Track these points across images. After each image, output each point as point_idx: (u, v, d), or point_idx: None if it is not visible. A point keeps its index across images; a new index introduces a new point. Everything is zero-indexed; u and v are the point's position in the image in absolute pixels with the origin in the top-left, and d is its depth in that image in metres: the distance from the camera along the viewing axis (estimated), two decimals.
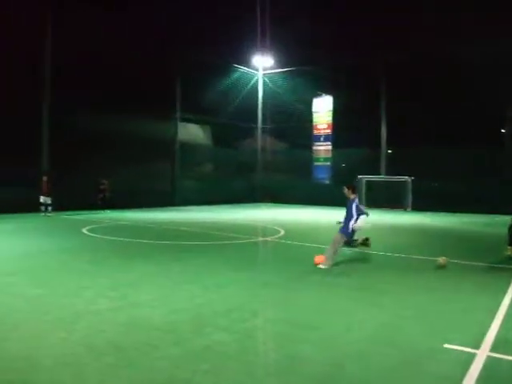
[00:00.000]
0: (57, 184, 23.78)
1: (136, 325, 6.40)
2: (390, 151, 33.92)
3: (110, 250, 13.13)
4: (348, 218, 10.58)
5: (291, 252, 13.29)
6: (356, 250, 12.93)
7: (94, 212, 24.84)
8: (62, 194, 24.30)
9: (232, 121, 34.42)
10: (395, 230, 20.23)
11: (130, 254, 12.32)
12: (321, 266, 10.32)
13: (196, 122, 34.95)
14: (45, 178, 23.17)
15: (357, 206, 10.65)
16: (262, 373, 4.99)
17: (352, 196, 10.81)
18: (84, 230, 17.18)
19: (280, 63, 36.77)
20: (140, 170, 29.58)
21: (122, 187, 26.81)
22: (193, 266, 10.69)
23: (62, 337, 5.88)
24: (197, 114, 33.45)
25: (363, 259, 12.13)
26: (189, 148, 33.78)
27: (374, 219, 23.57)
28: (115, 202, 26.15)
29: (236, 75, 36.29)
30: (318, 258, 10.63)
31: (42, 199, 23.09)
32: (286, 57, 35.76)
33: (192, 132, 35.13)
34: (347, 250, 12.35)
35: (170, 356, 5.34)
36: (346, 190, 10.87)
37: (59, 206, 24.04)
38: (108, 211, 25.50)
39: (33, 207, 23.28)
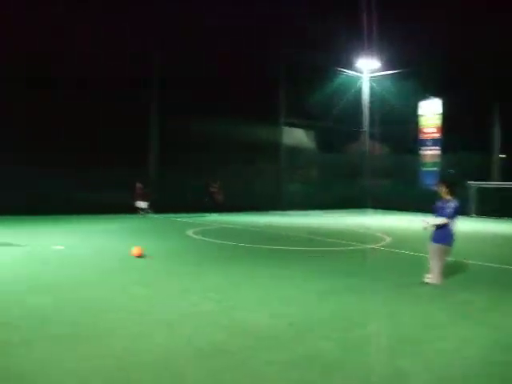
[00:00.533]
0: (165, 186, 24.81)
1: (239, 328, 6.35)
2: (503, 156, 32.00)
3: (214, 253, 13.29)
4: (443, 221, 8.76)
5: (397, 261, 12.78)
6: (469, 261, 12.15)
7: (200, 215, 25.40)
8: (169, 197, 25.27)
9: (336, 125, 34.00)
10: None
11: (235, 257, 12.40)
12: (429, 281, 8.94)
13: (300, 126, 34.93)
14: (139, 185, 24.20)
15: (456, 209, 8.74)
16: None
17: (449, 197, 8.87)
18: (189, 233, 17.58)
19: (386, 65, 35.81)
20: (246, 174, 30.09)
21: (227, 190, 27.28)
22: (296, 271, 10.54)
23: (166, 337, 5.93)
24: (301, 118, 33.45)
25: (477, 272, 11.38)
26: (294, 152, 33.84)
27: (488, 228, 22.47)
28: (223, 205, 26.55)
29: (341, 78, 35.88)
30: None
31: (138, 204, 24.38)
32: (392, 59, 34.73)
33: (297, 136, 35.14)
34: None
35: (274, 362, 5.22)
36: (441, 188, 8.97)
37: (165, 208, 24.97)
38: (215, 214, 25.96)
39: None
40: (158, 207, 25.11)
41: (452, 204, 8.76)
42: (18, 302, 7.38)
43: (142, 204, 24.39)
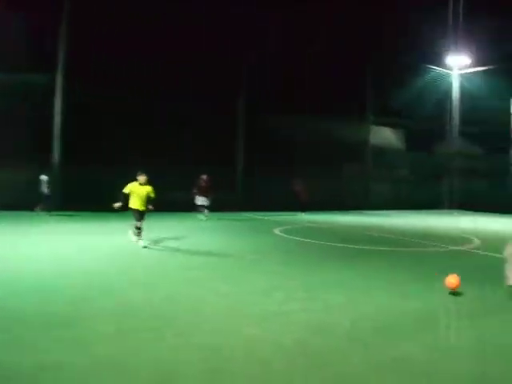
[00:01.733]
0: (252, 186, 25.04)
1: (325, 328, 6.29)
2: None
3: (301, 252, 13.28)
4: None
5: (487, 265, 12.18)
6: None
7: (288, 214, 25.44)
8: (257, 195, 25.56)
9: (425, 124, 32.98)
10: None
11: (322, 257, 12.32)
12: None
13: (388, 124, 34.25)
14: (204, 177, 21.94)
15: None
16: None
17: None
18: (276, 231, 17.67)
19: (477, 62, 34.28)
20: (332, 173, 29.92)
21: (314, 189, 27.18)
22: (383, 272, 10.29)
23: (252, 333, 5.98)
24: (389, 116, 32.79)
25: None
26: (381, 151, 33.23)
27: None
28: (308, 205, 26.40)
29: (429, 76, 34.78)
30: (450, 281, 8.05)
31: (198, 201, 21.86)
32: (483, 55, 33.21)
33: (384, 135, 34.48)
34: None
35: (357, 364, 5.13)
36: None
37: (254, 206, 25.25)
38: (302, 213, 25.92)
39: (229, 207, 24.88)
40: (244, 206, 25.50)
41: None
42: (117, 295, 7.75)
43: (201, 200, 21.81)
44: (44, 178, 21.71)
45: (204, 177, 21.75)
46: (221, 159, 25.74)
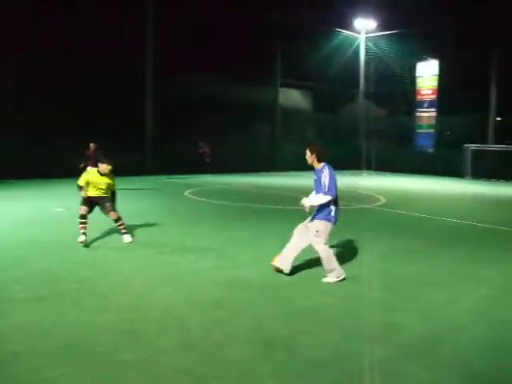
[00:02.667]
0: (162, 148, 24.83)
1: (236, 285, 6.66)
2: (499, 119, 32.01)
3: (211, 213, 13.58)
4: None
5: (391, 220, 13.10)
6: None
7: (195, 176, 25.54)
8: (164, 158, 25.44)
9: (333, 86, 33.84)
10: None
11: (230, 217, 12.71)
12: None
13: (296, 87, 34.85)
14: (91, 145, 18.08)
15: (330, 177, 6.83)
16: (356, 336, 5.05)
17: (319, 165, 7.00)
18: (186, 193, 17.84)
19: (383, 26, 35.39)
20: (241, 135, 30.14)
21: (223, 151, 27.41)
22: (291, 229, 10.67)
23: (167, 292, 6.25)
24: (297, 79, 33.39)
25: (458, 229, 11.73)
26: (289, 113, 33.86)
27: (480, 189, 22.83)
28: (213, 166, 26.62)
29: (337, 39, 35.56)
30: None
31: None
32: (389, 19, 34.28)
33: (292, 97, 35.10)
34: None
35: (271, 315, 5.54)
36: (308, 154, 7.04)
37: (162, 169, 25.14)
38: (207, 175, 26.16)
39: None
40: (155, 170, 25.37)
41: (324, 173, 6.81)
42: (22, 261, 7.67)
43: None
44: None
45: (91, 145, 18.26)
46: (130, 123, 25.29)
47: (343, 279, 6.85)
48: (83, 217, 8.93)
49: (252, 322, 5.34)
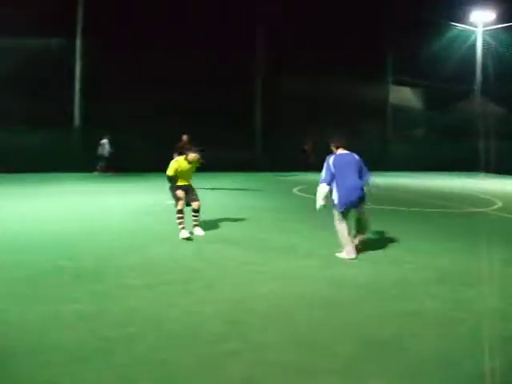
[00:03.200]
0: (270, 146, 25.20)
1: (343, 283, 6.54)
2: None
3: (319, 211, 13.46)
4: None
5: (507, 225, 12.31)
6: None
7: (300, 173, 25.58)
8: (272, 156, 25.76)
9: (447, 83, 32.38)
10: None
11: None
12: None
13: (408, 84, 33.82)
14: (184, 137, 17.76)
15: (327, 166, 7.95)
16: (468, 344, 4.77)
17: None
18: (295, 191, 17.93)
19: (503, 18, 33.23)
20: (350, 133, 29.68)
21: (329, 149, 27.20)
22: (405, 231, 10.39)
23: (274, 287, 6.26)
24: (409, 76, 32.37)
25: None
26: (401, 111, 32.93)
27: None
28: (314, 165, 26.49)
29: (452, 33, 33.96)
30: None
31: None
32: (510, 10, 32.17)
33: (404, 95, 34.12)
34: None
35: (378, 315, 5.40)
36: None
37: (270, 166, 25.50)
38: (309, 174, 25.94)
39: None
40: (263, 166, 25.77)
41: (325, 162, 7.91)
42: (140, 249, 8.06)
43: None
44: (105, 141, 23.26)
45: (184, 136, 17.90)
46: (239, 120, 25.92)
47: (352, 259, 7.56)
48: (181, 211, 8.96)
49: (359, 320, 5.23)
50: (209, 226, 10.01)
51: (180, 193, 9.06)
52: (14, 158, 21.48)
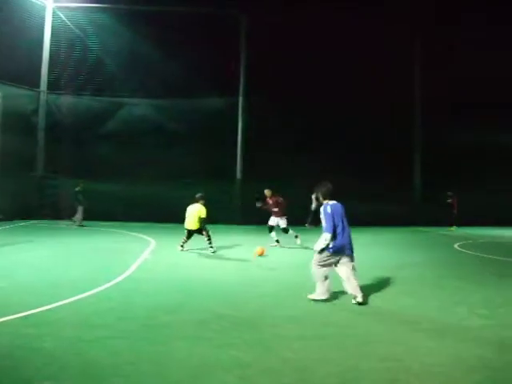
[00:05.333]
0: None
1: (507, 346, 6.13)
2: None
3: (481, 267, 12.90)
4: None
5: None
6: None
7: (444, 228, 24.85)
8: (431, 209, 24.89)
9: None
10: None
11: (504, 273, 11.84)
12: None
13: None
14: (266, 192, 16.33)
15: (331, 215, 8.07)
16: None
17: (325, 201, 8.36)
18: (455, 246, 17.36)
19: None
20: (491, 184, 27.28)
21: (487, 203, 25.81)
22: None
23: (430, 346, 6.04)
24: None
25: None
26: None
27: None
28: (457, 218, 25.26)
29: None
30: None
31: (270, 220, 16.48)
32: None
33: None
34: None
35: None
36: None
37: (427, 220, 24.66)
38: (453, 228, 25.00)
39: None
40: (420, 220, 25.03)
41: (323, 212, 8.16)
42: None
43: (272, 220, 16.43)
44: (313, 196, 23.56)
45: (266, 191, 16.23)
46: (397, 173, 25.62)
47: (323, 300, 8.04)
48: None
49: None
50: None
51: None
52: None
